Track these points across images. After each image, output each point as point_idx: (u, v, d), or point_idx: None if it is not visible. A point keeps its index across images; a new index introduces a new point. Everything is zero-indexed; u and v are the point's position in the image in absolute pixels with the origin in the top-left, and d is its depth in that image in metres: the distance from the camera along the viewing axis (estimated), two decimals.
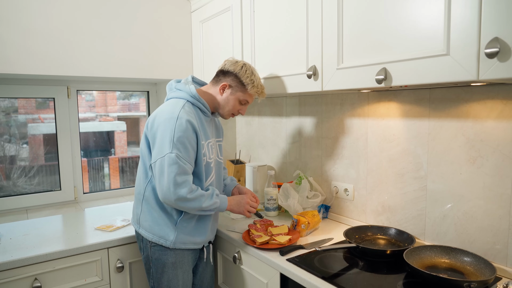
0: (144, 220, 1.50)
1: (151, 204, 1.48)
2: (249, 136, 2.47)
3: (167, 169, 1.35)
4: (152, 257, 1.49)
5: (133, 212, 1.58)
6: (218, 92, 1.53)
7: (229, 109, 1.56)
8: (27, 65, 1.86)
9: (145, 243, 1.50)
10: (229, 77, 1.52)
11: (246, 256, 1.56)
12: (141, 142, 1.54)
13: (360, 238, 1.51)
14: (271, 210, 1.91)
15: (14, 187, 2.20)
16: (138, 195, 1.54)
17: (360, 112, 1.69)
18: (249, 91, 1.53)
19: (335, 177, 1.84)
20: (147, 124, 1.48)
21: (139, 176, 1.54)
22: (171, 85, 1.57)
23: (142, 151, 1.51)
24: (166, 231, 1.47)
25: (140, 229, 1.51)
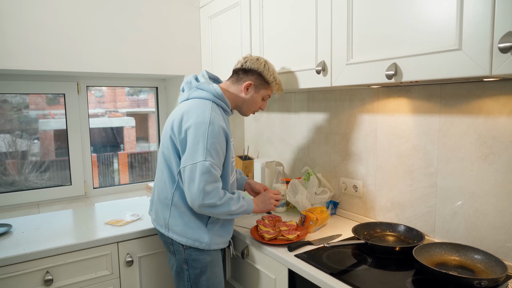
0: (175, 225, 1.45)
1: (181, 209, 1.44)
2: (258, 132, 2.47)
3: (198, 177, 1.31)
4: (188, 259, 1.46)
5: (157, 216, 1.53)
6: (242, 91, 1.52)
7: (254, 107, 1.57)
8: (37, 61, 1.87)
9: (177, 246, 1.47)
10: (253, 75, 1.51)
11: (254, 251, 1.57)
12: (163, 144, 1.48)
13: (369, 234, 1.50)
14: (279, 206, 1.91)
15: (26, 182, 2.24)
16: (165, 200, 1.47)
17: (369, 108, 1.68)
18: (273, 88, 1.56)
19: (343, 173, 1.83)
20: (171, 126, 1.42)
21: (164, 180, 1.48)
22: (190, 83, 1.51)
23: (167, 155, 1.45)
24: (199, 233, 1.43)
25: (169, 233, 1.46)
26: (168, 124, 1.47)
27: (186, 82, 1.52)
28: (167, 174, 1.46)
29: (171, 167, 1.44)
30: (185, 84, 1.53)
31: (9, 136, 2.19)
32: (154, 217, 1.58)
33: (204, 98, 1.45)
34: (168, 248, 1.53)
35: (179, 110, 1.46)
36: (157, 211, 1.52)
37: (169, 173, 1.45)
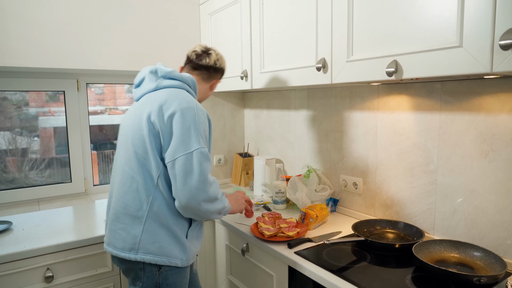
0: (149, 242, 1.20)
1: (161, 220, 1.21)
2: (258, 129, 2.47)
3: (198, 166, 1.16)
4: (162, 284, 1.23)
5: (118, 236, 1.23)
6: (209, 88, 1.52)
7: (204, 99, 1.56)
8: (37, 59, 1.87)
9: (149, 270, 1.22)
10: (219, 73, 1.52)
11: (254, 248, 1.57)
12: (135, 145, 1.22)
13: (369, 231, 1.51)
14: (279, 203, 1.91)
15: (26, 179, 2.24)
16: (136, 212, 1.21)
17: (369, 105, 1.67)
18: None
19: (343, 170, 1.83)
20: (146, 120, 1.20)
21: (135, 188, 1.21)
22: (156, 73, 1.33)
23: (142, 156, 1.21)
24: (179, 248, 1.24)
25: (139, 255, 1.20)
26: (135, 118, 1.24)
27: (150, 72, 1.33)
28: (142, 179, 1.21)
29: (150, 169, 1.21)
30: (149, 74, 1.33)
31: (9, 134, 2.19)
32: (108, 240, 1.27)
33: (177, 87, 1.30)
34: (133, 275, 1.25)
35: (150, 100, 1.25)
36: (118, 231, 1.23)
37: (145, 177, 1.21)
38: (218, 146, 2.52)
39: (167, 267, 1.23)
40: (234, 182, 2.52)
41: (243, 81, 1.95)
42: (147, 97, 1.29)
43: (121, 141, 1.31)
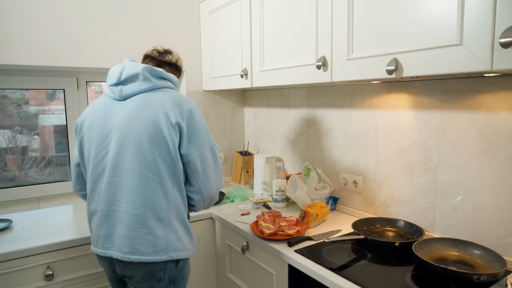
0: (175, 239, 1.24)
1: (180, 216, 1.26)
2: (258, 128, 2.47)
3: (217, 159, 1.31)
4: (177, 277, 1.28)
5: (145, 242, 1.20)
6: None
7: None
8: (37, 57, 1.87)
9: (169, 269, 1.25)
10: (179, 72, 1.51)
11: (254, 247, 1.57)
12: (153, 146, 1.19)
13: (369, 230, 1.51)
14: (279, 202, 1.91)
15: (26, 177, 2.24)
16: (161, 213, 1.21)
17: (369, 104, 1.67)
18: None
19: (343, 168, 1.83)
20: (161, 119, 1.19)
21: (155, 189, 1.20)
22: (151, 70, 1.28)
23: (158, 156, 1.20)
24: (189, 239, 1.31)
25: (167, 254, 1.22)
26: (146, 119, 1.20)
27: (144, 70, 1.27)
28: (164, 180, 1.21)
29: (173, 169, 1.23)
30: (143, 72, 1.26)
31: (9, 132, 2.19)
32: (130, 248, 1.20)
33: (169, 87, 1.32)
34: (153, 278, 1.24)
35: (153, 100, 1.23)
36: (143, 236, 1.20)
37: (167, 178, 1.22)
38: (218, 144, 2.51)
39: (183, 260, 1.29)
40: (234, 181, 2.52)
41: (243, 79, 1.95)
42: (146, 96, 1.24)
43: (126, 143, 1.21)
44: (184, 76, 2.35)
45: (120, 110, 1.25)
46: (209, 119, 2.46)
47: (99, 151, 1.26)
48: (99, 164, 1.26)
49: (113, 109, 1.27)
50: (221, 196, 2.08)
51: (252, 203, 1.99)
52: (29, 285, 1.47)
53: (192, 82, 2.37)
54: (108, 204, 1.23)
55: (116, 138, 1.22)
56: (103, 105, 1.30)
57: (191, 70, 2.37)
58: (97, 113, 1.30)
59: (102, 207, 1.24)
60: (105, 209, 1.23)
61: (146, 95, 1.25)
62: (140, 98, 1.25)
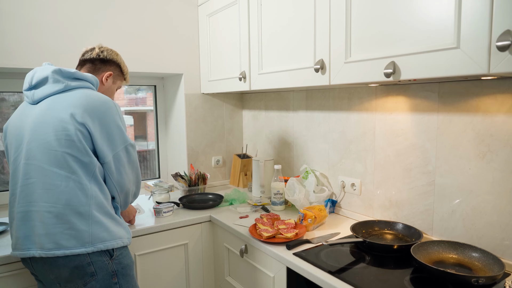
0: (100, 231, 1.24)
1: (103, 208, 1.27)
2: (256, 131, 2.47)
3: (134, 157, 1.35)
4: (118, 269, 1.28)
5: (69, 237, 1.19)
6: (101, 81, 1.48)
7: (111, 98, 1.52)
8: (36, 59, 1.86)
9: (100, 264, 1.23)
10: (111, 66, 1.50)
11: (252, 249, 1.57)
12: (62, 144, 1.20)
13: (367, 232, 1.51)
14: (278, 204, 1.91)
15: None
16: (80, 207, 1.21)
17: (367, 106, 1.68)
18: (126, 79, 1.60)
19: (342, 171, 1.84)
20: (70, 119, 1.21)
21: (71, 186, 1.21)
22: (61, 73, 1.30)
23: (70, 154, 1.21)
24: (122, 228, 1.32)
25: (93, 246, 1.22)
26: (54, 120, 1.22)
27: (54, 72, 1.29)
28: (78, 177, 1.22)
29: (86, 166, 1.23)
30: (53, 74, 1.28)
31: None
32: (54, 244, 1.19)
33: (84, 87, 1.32)
34: (82, 274, 1.22)
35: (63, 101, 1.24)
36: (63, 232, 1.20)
37: (82, 174, 1.23)
38: (217, 147, 2.53)
39: (118, 250, 1.28)
40: (233, 184, 2.52)
41: (242, 82, 1.95)
42: (57, 98, 1.26)
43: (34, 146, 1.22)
44: (183, 79, 2.35)
45: (33, 114, 1.27)
46: (207, 122, 2.46)
47: (16, 156, 1.28)
48: (16, 168, 1.27)
49: (27, 113, 1.30)
50: (220, 199, 2.08)
51: (251, 206, 1.99)
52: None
53: (190, 85, 2.38)
54: (25, 205, 1.23)
55: (27, 141, 1.24)
56: (20, 110, 1.34)
57: (190, 73, 2.37)
58: (15, 119, 1.33)
59: (20, 209, 1.24)
60: (22, 210, 1.23)
61: (57, 97, 1.27)
62: (50, 100, 1.27)
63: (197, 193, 2.22)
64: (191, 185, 2.22)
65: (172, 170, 2.54)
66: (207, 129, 2.47)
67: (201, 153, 2.47)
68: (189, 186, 2.22)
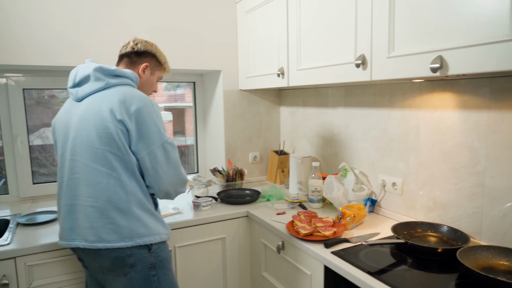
0: (140, 226, 1.29)
1: (142, 204, 1.31)
2: (294, 127, 2.45)
3: (172, 155, 1.33)
4: (156, 262, 1.32)
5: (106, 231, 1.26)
6: (139, 74, 1.47)
7: (151, 89, 1.54)
8: (80, 59, 1.96)
9: (139, 256, 1.29)
10: (147, 57, 1.48)
11: (289, 246, 1.56)
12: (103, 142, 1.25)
13: (409, 234, 1.45)
14: (315, 202, 1.89)
15: None
16: (121, 204, 1.26)
17: (411, 103, 1.61)
18: (165, 69, 1.56)
19: (382, 170, 1.78)
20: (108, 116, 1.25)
21: (111, 184, 1.26)
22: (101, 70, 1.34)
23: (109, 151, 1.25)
24: (160, 225, 1.36)
25: (133, 241, 1.27)
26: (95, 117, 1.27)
27: (95, 70, 1.33)
28: (118, 174, 1.27)
29: (125, 164, 1.27)
30: (94, 72, 1.33)
31: None
32: (96, 237, 1.26)
33: (124, 84, 1.35)
34: (122, 264, 1.28)
35: (104, 99, 1.28)
36: (105, 226, 1.26)
37: (122, 171, 1.27)
38: (254, 143, 2.53)
39: (156, 245, 1.33)
40: (270, 180, 2.52)
41: (280, 78, 1.94)
42: (98, 96, 1.31)
43: (78, 143, 1.28)
44: (221, 76, 2.38)
45: (77, 111, 1.32)
46: (245, 118, 2.47)
47: (63, 151, 1.35)
48: (63, 163, 1.34)
49: (73, 109, 1.35)
50: (257, 194, 2.08)
51: (288, 202, 1.98)
52: (76, 273, 1.55)
53: (228, 82, 2.40)
54: (70, 199, 1.30)
55: (72, 137, 1.30)
56: (66, 107, 1.40)
57: (228, 70, 2.39)
58: (61, 115, 1.39)
59: (65, 202, 1.31)
60: (68, 203, 1.30)
61: (98, 95, 1.31)
62: (93, 98, 1.31)
63: (235, 188, 2.24)
64: (229, 181, 2.25)
65: (210, 165, 2.58)
66: (245, 125, 2.48)
67: (239, 149, 2.49)
68: (227, 181, 2.25)
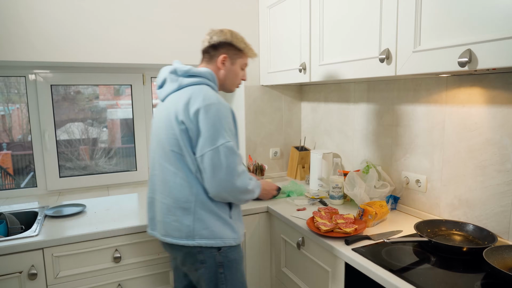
0: (202, 228, 1.32)
1: (207, 207, 1.33)
2: (315, 123, 2.44)
3: (225, 160, 1.27)
4: (224, 261, 1.36)
5: (173, 227, 1.34)
6: (219, 67, 1.46)
7: (236, 79, 1.52)
8: (106, 55, 2.01)
9: (209, 253, 1.34)
10: (223, 47, 1.45)
11: (310, 242, 1.56)
12: (170, 142, 1.33)
13: (433, 232, 1.43)
14: (336, 198, 1.88)
15: (96, 166, 2.43)
16: (185, 204, 1.32)
17: (436, 99, 1.57)
18: (247, 54, 1.52)
19: (406, 167, 1.75)
20: (174, 117, 1.31)
21: (179, 183, 1.33)
22: (175, 72, 1.40)
23: (177, 152, 1.32)
24: (229, 228, 1.37)
25: (196, 241, 1.32)
26: (165, 118, 1.35)
27: (170, 73, 1.41)
28: (183, 174, 1.32)
29: (188, 164, 1.32)
30: (169, 75, 1.41)
31: (82, 124, 2.39)
32: (165, 231, 1.38)
33: (198, 83, 1.37)
34: (193, 260, 1.36)
35: (175, 100, 1.35)
36: (172, 223, 1.35)
37: (186, 172, 1.32)
38: (275, 139, 2.53)
39: (222, 247, 1.36)
40: (290, 176, 2.52)
41: (302, 73, 1.93)
42: (172, 97, 1.38)
43: (155, 140, 1.41)
44: None
45: (159, 111, 1.43)
46: (265, 114, 2.47)
47: (151, 148, 1.48)
48: (151, 159, 1.48)
49: (159, 109, 1.45)
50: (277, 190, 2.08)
51: (308, 198, 1.97)
52: (99, 265, 1.59)
53: (249, 77, 2.40)
54: (151, 192, 1.45)
55: (153, 136, 1.44)
56: (159, 105, 1.48)
57: (249, 65, 2.39)
58: (155, 112, 1.48)
59: (148, 194, 1.47)
60: (150, 196, 1.46)
61: (172, 96, 1.39)
62: (169, 99, 1.40)
63: None
64: None
65: None
66: (266, 121, 2.49)
67: (259, 145, 2.49)
68: None
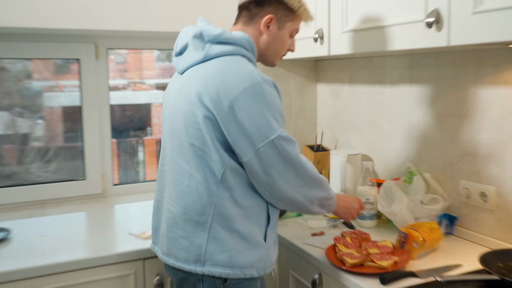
0: (218, 252, 1.32)
1: (230, 223, 1.33)
2: (336, 113, 2.45)
3: (290, 156, 1.32)
4: None
5: (179, 246, 1.37)
6: (261, 31, 1.47)
7: (282, 49, 1.54)
8: (45, 17, 1.99)
9: (211, 283, 1.34)
10: (271, 6, 1.45)
11: (330, 281, 1.57)
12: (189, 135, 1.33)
13: (507, 267, 1.44)
14: (367, 219, 1.90)
15: (27, 174, 2.37)
16: (199, 217, 1.33)
17: (507, 78, 1.59)
18: (301, 16, 1.52)
19: (465, 174, 1.77)
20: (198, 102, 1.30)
21: (194, 188, 1.33)
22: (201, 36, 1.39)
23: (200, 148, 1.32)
24: (256, 253, 1.36)
25: (206, 267, 1.32)
26: (184, 100, 1.35)
27: (194, 37, 1.40)
28: (202, 176, 1.32)
29: (211, 165, 1.32)
30: (193, 40, 1.40)
31: (7, 114, 2.32)
32: (167, 249, 1.41)
33: (231, 53, 1.37)
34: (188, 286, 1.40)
35: (200, 75, 1.35)
36: (178, 239, 1.37)
37: (206, 174, 1.32)
38: None
39: (235, 280, 1.35)
40: None
41: (318, 44, 1.94)
42: (194, 70, 1.38)
43: (168, 127, 1.43)
44: None
45: (175, 88, 1.44)
46: None
47: (162, 134, 1.52)
48: (161, 149, 1.52)
49: (174, 84, 1.48)
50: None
51: (327, 218, 1.99)
52: None
53: None
54: (158, 194, 1.50)
55: (167, 120, 1.46)
56: (172, 79, 1.54)
57: None
58: (168, 88, 1.54)
59: (155, 196, 1.52)
60: (157, 199, 1.52)
61: (194, 69, 1.38)
62: (189, 73, 1.40)
63: None
64: None
65: None
66: None
67: None
68: None
